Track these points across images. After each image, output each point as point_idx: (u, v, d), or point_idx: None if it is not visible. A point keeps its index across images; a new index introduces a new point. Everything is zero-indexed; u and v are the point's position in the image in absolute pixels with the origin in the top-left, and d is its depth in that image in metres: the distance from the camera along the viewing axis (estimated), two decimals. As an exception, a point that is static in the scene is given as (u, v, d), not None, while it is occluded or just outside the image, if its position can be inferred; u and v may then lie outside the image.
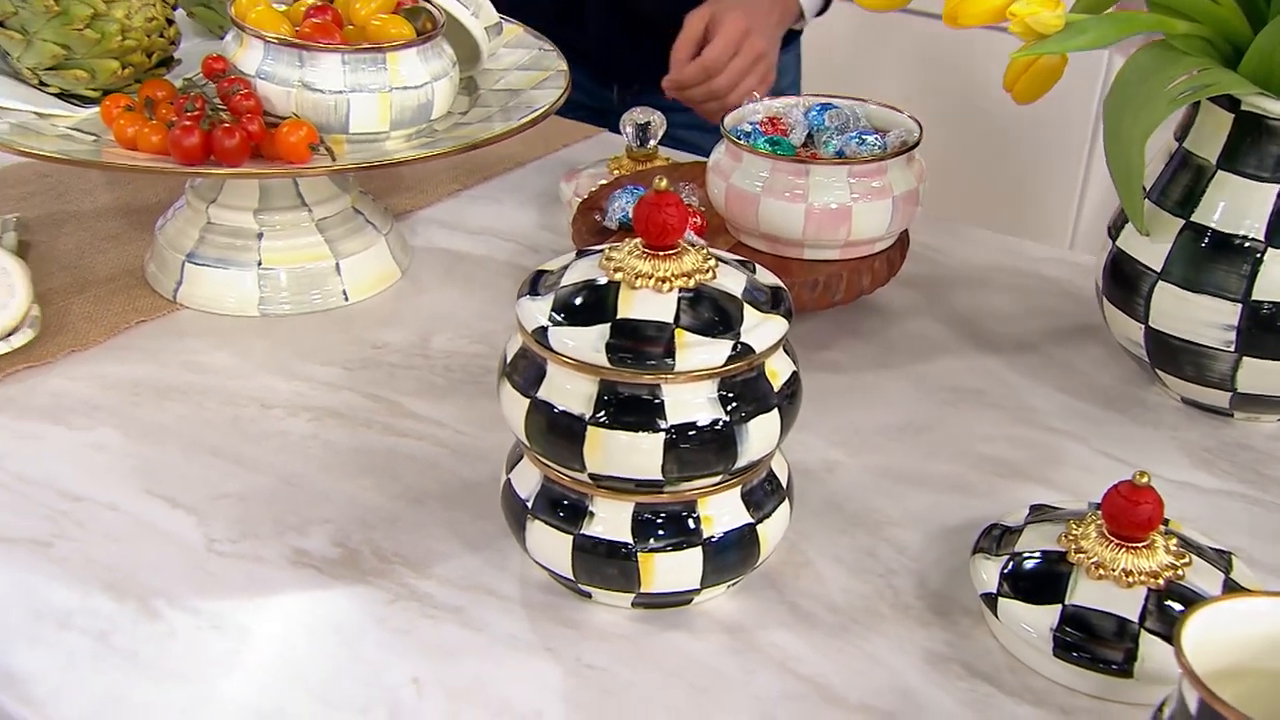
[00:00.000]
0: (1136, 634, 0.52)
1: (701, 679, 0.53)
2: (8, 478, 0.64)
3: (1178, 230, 0.70)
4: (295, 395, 0.72)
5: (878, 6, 0.73)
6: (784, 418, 0.53)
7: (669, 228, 0.51)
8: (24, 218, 0.90)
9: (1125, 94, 0.67)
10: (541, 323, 0.51)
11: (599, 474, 0.52)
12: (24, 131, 0.74)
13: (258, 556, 0.59)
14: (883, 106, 0.81)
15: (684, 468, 0.51)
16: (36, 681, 0.52)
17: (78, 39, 0.75)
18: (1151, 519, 0.54)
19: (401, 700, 0.51)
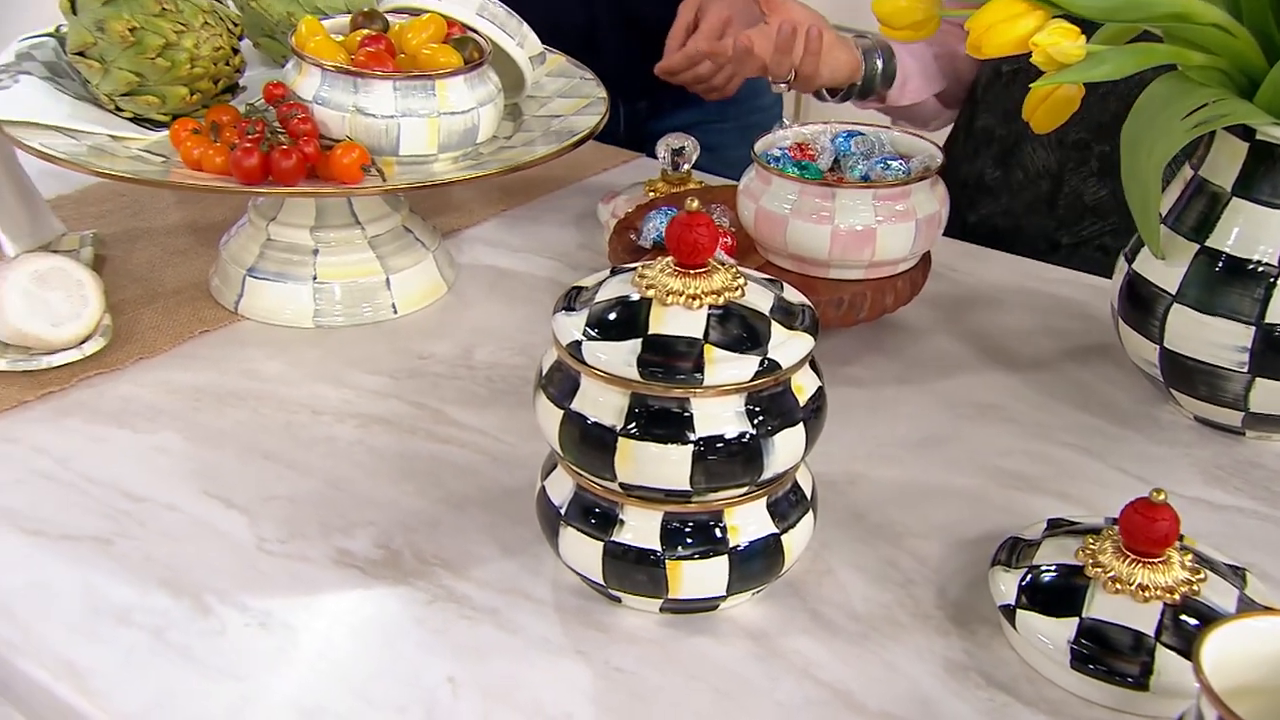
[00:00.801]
0: (1153, 648, 0.50)
1: (726, 684, 0.51)
2: (75, 478, 0.63)
3: (1193, 255, 0.67)
4: (344, 403, 0.70)
5: (904, 38, 0.71)
6: (809, 432, 0.51)
7: (700, 247, 0.50)
8: (100, 233, 0.90)
9: (1142, 123, 0.64)
10: (576, 337, 0.50)
11: (629, 484, 0.50)
12: (99, 153, 0.73)
13: (304, 556, 0.58)
14: (906, 133, 0.79)
15: (711, 479, 0.49)
16: (96, 675, 0.51)
17: (150, 67, 0.74)
18: (1168, 535, 0.51)
19: (438, 699, 0.50)
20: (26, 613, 0.54)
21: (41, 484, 0.63)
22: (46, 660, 0.51)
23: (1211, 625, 0.44)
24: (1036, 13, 0.57)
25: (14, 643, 0.52)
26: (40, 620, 0.53)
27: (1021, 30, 0.57)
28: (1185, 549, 0.53)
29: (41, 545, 0.58)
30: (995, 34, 0.57)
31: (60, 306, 0.73)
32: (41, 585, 0.55)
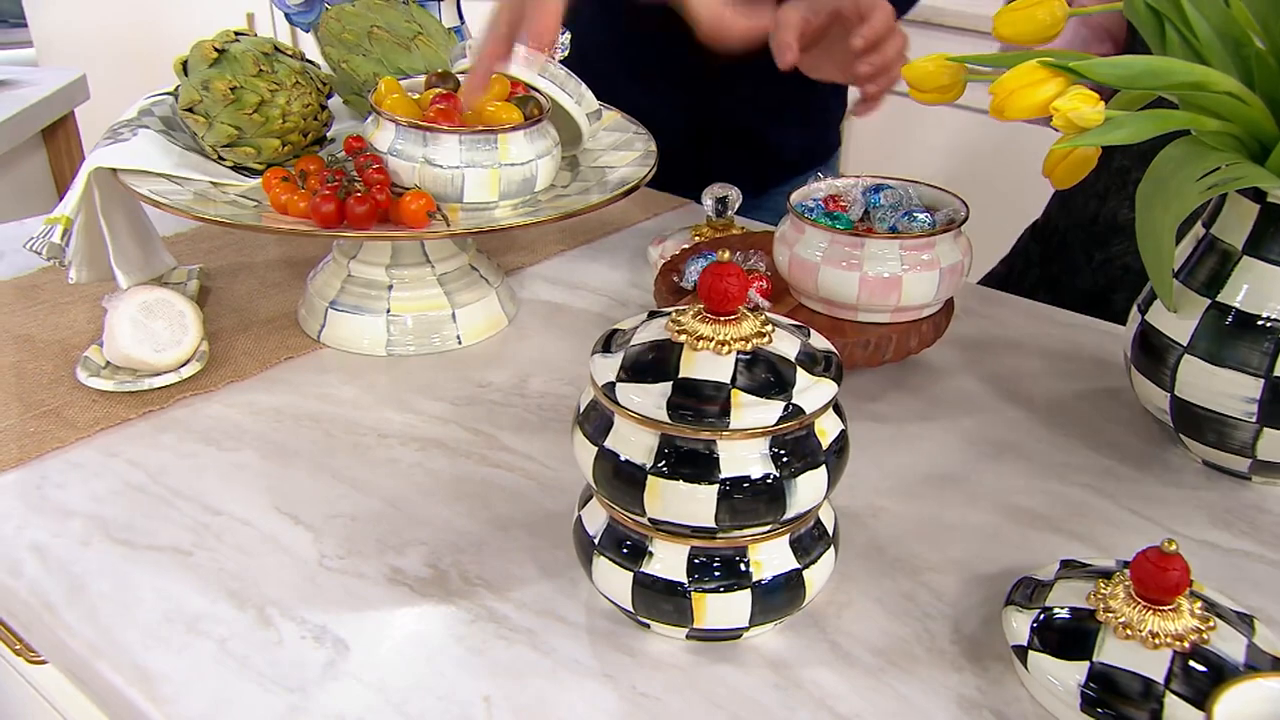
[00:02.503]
0: (1162, 695, 0.45)
1: (745, 711, 0.47)
2: (165, 491, 0.61)
3: (1204, 309, 0.62)
4: (408, 426, 0.68)
5: (931, 100, 0.67)
6: (831, 473, 0.47)
7: (729, 295, 0.46)
8: (207, 267, 0.88)
9: (1158, 184, 0.59)
10: (610, 379, 0.46)
11: (658, 519, 0.46)
12: (202, 199, 0.71)
13: (360, 573, 0.55)
14: (933, 188, 0.74)
15: (736, 517, 0.46)
16: (165, 681, 0.48)
17: (247, 121, 0.72)
18: (1179, 585, 0.46)
19: (472, 717, 0.46)
20: (108, 617, 0.52)
21: (134, 496, 0.61)
22: (122, 665, 0.49)
23: (1226, 683, 0.39)
24: (1057, 79, 0.53)
25: (96, 646, 0.50)
26: (120, 625, 0.51)
27: (1043, 95, 0.52)
28: (1195, 595, 0.48)
29: (128, 554, 0.56)
30: (1018, 98, 0.53)
31: (163, 334, 0.71)
32: (125, 591, 0.53)
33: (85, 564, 0.55)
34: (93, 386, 0.70)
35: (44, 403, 0.69)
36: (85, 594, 0.53)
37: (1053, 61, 0.53)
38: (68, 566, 0.55)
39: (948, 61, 0.65)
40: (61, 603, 0.52)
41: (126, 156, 0.71)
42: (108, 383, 0.69)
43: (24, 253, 0.90)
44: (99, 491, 0.61)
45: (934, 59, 0.66)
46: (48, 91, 1.56)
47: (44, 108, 1.54)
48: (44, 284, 0.86)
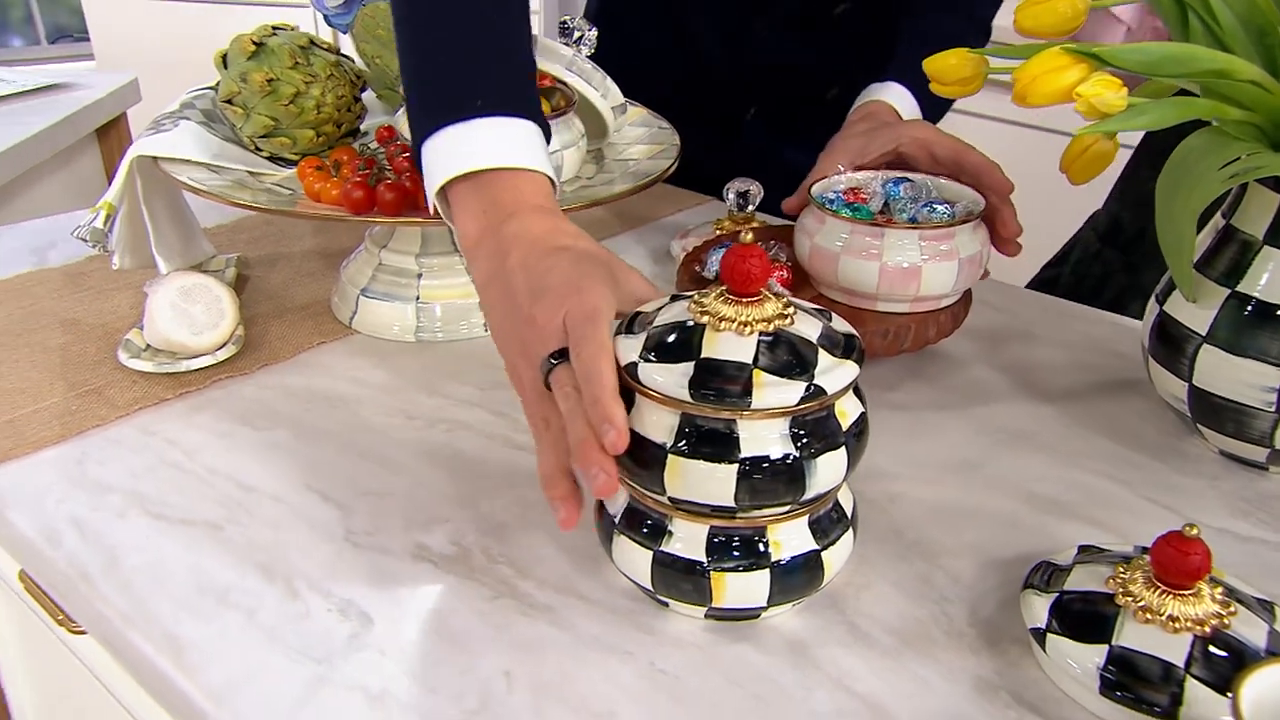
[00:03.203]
0: (1182, 679, 0.42)
1: (763, 690, 0.45)
2: (200, 468, 0.60)
3: (1223, 298, 0.59)
4: (436, 409, 0.66)
5: (952, 93, 0.65)
6: (851, 455, 0.45)
7: (752, 276, 0.44)
8: (245, 256, 0.88)
9: (1179, 173, 0.57)
10: (633, 359, 0.45)
11: (678, 498, 0.45)
12: (239, 186, 0.71)
13: (386, 549, 0.53)
14: (953, 182, 0.72)
15: (755, 497, 0.44)
16: (194, 650, 0.47)
17: (284, 112, 0.71)
18: (1200, 569, 0.44)
19: (493, 691, 0.45)
20: (142, 588, 0.51)
21: (171, 473, 0.60)
22: (153, 634, 0.48)
23: (1252, 666, 0.37)
24: (1080, 65, 0.51)
25: (129, 616, 0.49)
26: (153, 596, 0.50)
27: (1066, 81, 0.50)
28: (1215, 582, 0.46)
29: (162, 528, 0.55)
30: (1041, 84, 0.51)
31: (201, 318, 0.70)
32: (157, 564, 0.52)
33: (121, 536, 0.54)
34: (133, 368, 0.69)
35: (87, 382, 0.68)
36: (120, 566, 0.52)
37: (1076, 48, 0.51)
38: (104, 539, 0.54)
39: (970, 54, 0.63)
40: (98, 573, 0.51)
41: (167, 145, 0.70)
42: (147, 364, 0.69)
43: (73, 242, 0.89)
44: (136, 468, 0.60)
45: (956, 53, 0.64)
46: (102, 94, 1.57)
47: (98, 109, 1.55)
48: (90, 271, 0.86)
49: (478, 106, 0.53)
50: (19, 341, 0.74)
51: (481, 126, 0.53)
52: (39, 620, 0.74)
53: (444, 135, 0.53)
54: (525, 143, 0.54)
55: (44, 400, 0.66)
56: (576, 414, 0.44)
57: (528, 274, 0.48)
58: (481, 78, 0.54)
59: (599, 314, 0.45)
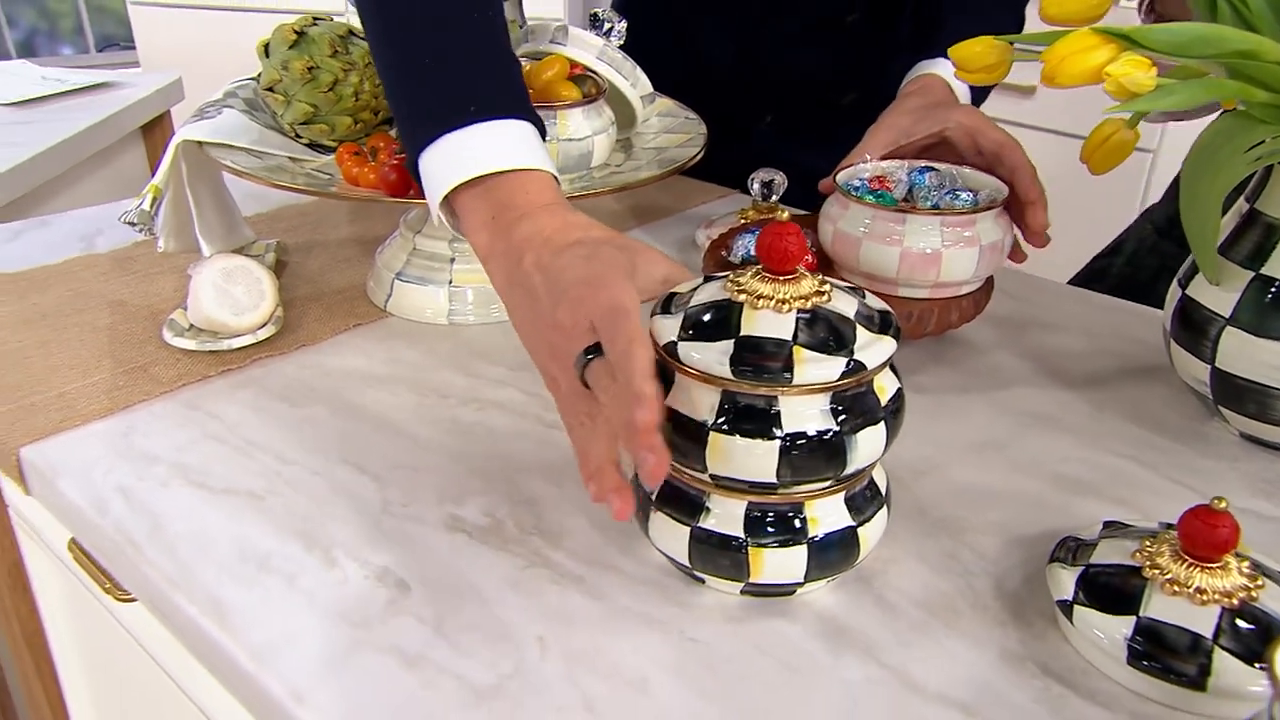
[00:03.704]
0: (1210, 650, 0.41)
1: (793, 659, 0.45)
2: (240, 442, 0.60)
3: (1247, 281, 0.58)
4: (468, 389, 0.66)
5: (978, 80, 0.63)
6: (889, 430, 0.44)
7: (789, 254, 0.43)
8: (284, 243, 0.88)
9: (1205, 156, 0.56)
10: (671, 338, 0.44)
11: (719, 475, 0.44)
12: (279, 171, 0.71)
13: (421, 519, 0.53)
14: (977, 171, 0.71)
15: (796, 473, 0.43)
16: (236, 613, 0.47)
17: (323, 99, 0.71)
18: (1228, 542, 0.43)
19: (526, 657, 0.44)
20: (186, 554, 0.51)
21: (213, 445, 0.60)
22: (198, 596, 0.48)
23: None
24: (1109, 45, 0.50)
25: (174, 579, 0.49)
26: (196, 561, 0.50)
27: (1095, 61, 0.49)
28: (1242, 556, 0.45)
29: (205, 497, 0.55)
30: (1070, 64, 0.50)
31: (242, 299, 0.70)
32: (200, 531, 0.52)
33: (166, 505, 0.54)
34: (177, 346, 0.69)
35: (133, 360, 0.69)
36: (165, 532, 0.52)
37: (1105, 28, 0.50)
38: (150, 507, 0.54)
39: (995, 42, 0.62)
40: (144, 539, 0.51)
41: (211, 131, 0.70)
42: (191, 343, 0.69)
43: (119, 229, 0.90)
44: (180, 441, 0.60)
45: (981, 40, 0.63)
46: (147, 92, 1.58)
47: (143, 107, 1.56)
48: (137, 256, 0.86)
49: (471, 112, 0.51)
50: (68, 321, 0.74)
51: (478, 132, 0.51)
52: (86, 590, 0.74)
53: (441, 145, 0.51)
54: (524, 143, 0.52)
55: (92, 376, 0.66)
56: (618, 403, 0.43)
57: (545, 275, 0.47)
58: (469, 83, 0.52)
59: (623, 306, 0.44)
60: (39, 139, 1.31)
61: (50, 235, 0.90)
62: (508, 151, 0.51)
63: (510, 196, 0.50)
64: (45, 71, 1.63)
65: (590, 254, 0.47)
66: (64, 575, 0.78)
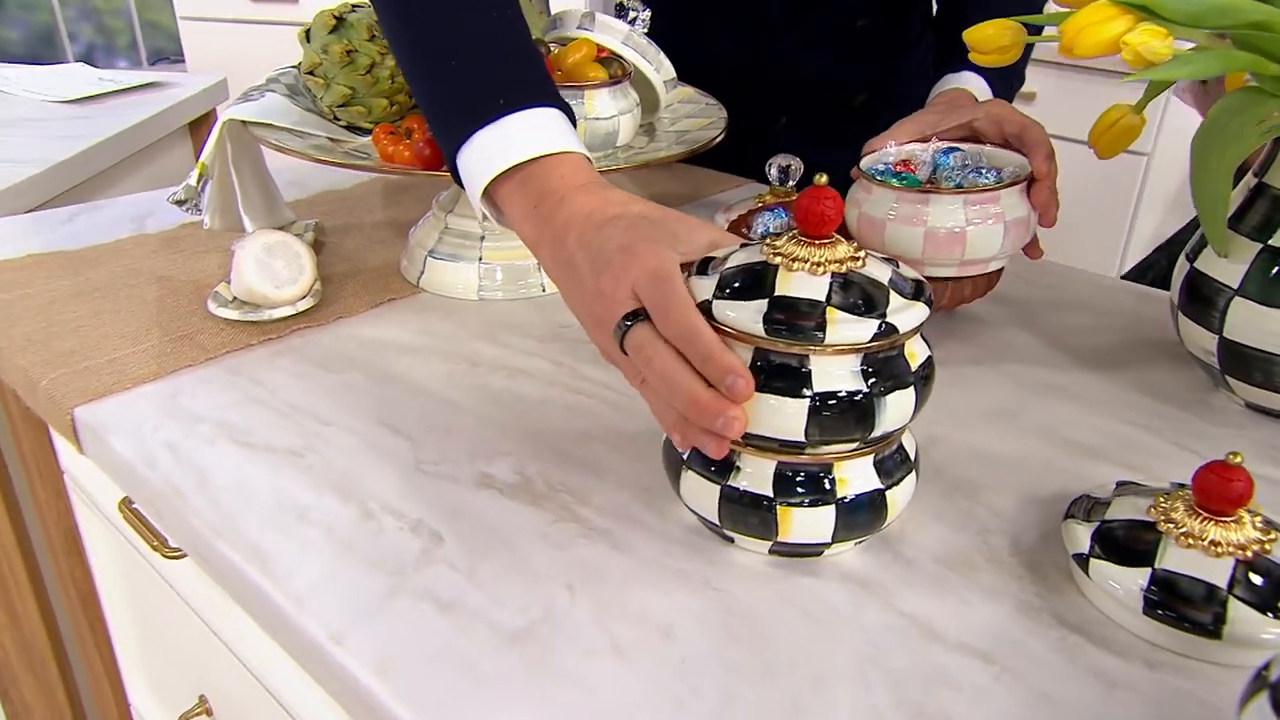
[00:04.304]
0: (1225, 600, 0.40)
1: (815, 609, 0.43)
2: (281, 405, 0.59)
3: (1255, 253, 0.56)
4: (497, 358, 0.65)
5: (991, 61, 0.62)
6: (919, 395, 0.43)
7: (826, 218, 0.42)
8: (322, 223, 0.87)
9: (1215, 129, 0.54)
10: (707, 296, 0.42)
11: (749, 432, 0.42)
12: (320, 149, 0.70)
13: (453, 477, 0.52)
14: (1001, 149, 0.68)
15: (824, 432, 0.41)
16: (277, 559, 0.46)
17: (361, 82, 0.70)
18: (1243, 495, 0.41)
19: (556, 603, 0.43)
20: (229, 505, 0.50)
21: (254, 407, 0.59)
22: (239, 544, 0.47)
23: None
24: (1126, 16, 0.48)
25: (217, 529, 0.48)
26: (239, 512, 0.49)
27: (1112, 31, 0.48)
28: (1255, 512, 0.43)
29: (248, 454, 0.54)
30: (1087, 35, 0.48)
31: (282, 272, 0.70)
32: (243, 486, 0.52)
33: (210, 461, 0.53)
34: (221, 316, 0.68)
35: (179, 329, 0.68)
36: (210, 485, 0.51)
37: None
38: (195, 462, 0.53)
39: (1008, 23, 0.61)
40: (190, 491, 0.51)
41: (255, 112, 0.70)
42: (234, 313, 0.68)
43: (168, 212, 0.90)
44: (224, 402, 0.59)
45: (994, 22, 0.61)
46: (193, 91, 1.58)
47: (190, 104, 1.56)
48: (184, 236, 0.85)
49: (501, 106, 0.50)
50: (119, 294, 0.74)
51: (510, 124, 0.49)
52: (135, 549, 0.74)
53: (475, 142, 0.50)
54: (554, 128, 0.50)
55: (142, 343, 0.66)
56: (675, 374, 0.41)
57: (586, 251, 0.46)
58: (496, 78, 0.51)
59: (665, 271, 0.42)
60: (93, 133, 1.31)
61: (102, 218, 0.90)
62: (538, 138, 0.50)
63: (546, 183, 0.49)
64: (101, 73, 1.63)
65: (630, 225, 0.45)
66: (114, 536, 0.78)
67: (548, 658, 0.40)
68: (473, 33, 0.51)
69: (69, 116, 1.41)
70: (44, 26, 3.17)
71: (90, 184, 1.27)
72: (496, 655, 0.40)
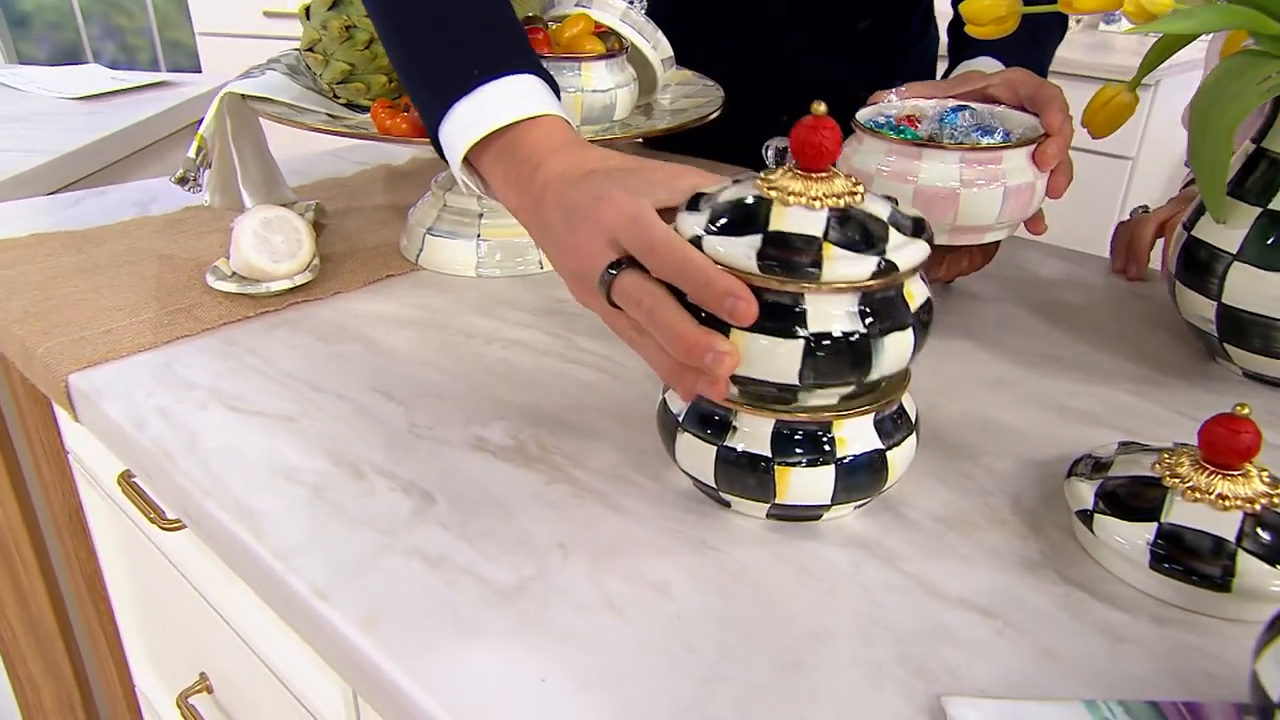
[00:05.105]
0: (1234, 553, 0.37)
1: (814, 566, 0.41)
2: (277, 373, 0.57)
3: (1254, 217, 0.54)
4: (493, 330, 0.63)
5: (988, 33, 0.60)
6: (917, 338, 0.39)
7: (824, 150, 0.39)
8: (323, 206, 0.85)
9: (1215, 92, 0.52)
10: (697, 232, 0.39)
11: (741, 375, 0.39)
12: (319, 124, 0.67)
13: (446, 440, 0.50)
14: (1016, 111, 0.61)
15: (819, 375, 0.38)
16: (265, 517, 0.44)
17: (359, 57, 0.68)
18: (1250, 448, 0.39)
19: (549, 561, 0.41)
20: (219, 467, 0.48)
21: (249, 375, 0.57)
22: (227, 503, 0.45)
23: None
24: (1127, -31, 0.46)
25: (206, 488, 0.46)
26: (228, 474, 0.47)
27: (1113, -16, 0.46)
28: (1262, 467, 0.41)
29: (241, 419, 0.52)
30: (1087, -13, 0.46)
31: (281, 247, 0.67)
32: (234, 448, 0.49)
33: (202, 424, 0.51)
34: (219, 289, 0.66)
35: (177, 303, 0.66)
36: (200, 448, 0.49)
37: (1121, -45, 0.46)
38: (187, 425, 0.51)
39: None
40: (179, 452, 0.48)
41: (254, 86, 0.67)
42: (231, 286, 0.66)
43: (173, 196, 0.87)
44: (219, 371, 0.57)
45: (990, -8, 0.59)
46: (203, 89, 1.56)
47: (200, 102, 1.54)
48: (187, 219, 0.83)
49: (475, 76, 0.47)
50: (120, 271, 0.72)
51: (485, 93, 0.47)
52: (134, 524, 0.71)
53: (454, 114, 0.48)
54: (528, 94, 0.47)
55: (139, 316, 0.64)
56: (662, 310, 0.38)
57: (563, 209, 0.43)
58: (470, 49, 0.49)
59: (643, 215, 0.40)
60: (104, 126, 1.29)
61: (107, 202, 0.88)
62: (512, 104, 0.47)
63: (523, 148, 0.46)
64: (114, 73, 1.61)
65: (605, 176, 0.43)
66: (115, 513, 0.76)
67: (540, 613, 0.38)
68: (446, 3, 0.49)
69: (82, 112, 1.39)
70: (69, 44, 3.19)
71: (99, 176, 1.25)
72: (487, 610, 0.38)
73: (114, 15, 3.29)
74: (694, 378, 0.38)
